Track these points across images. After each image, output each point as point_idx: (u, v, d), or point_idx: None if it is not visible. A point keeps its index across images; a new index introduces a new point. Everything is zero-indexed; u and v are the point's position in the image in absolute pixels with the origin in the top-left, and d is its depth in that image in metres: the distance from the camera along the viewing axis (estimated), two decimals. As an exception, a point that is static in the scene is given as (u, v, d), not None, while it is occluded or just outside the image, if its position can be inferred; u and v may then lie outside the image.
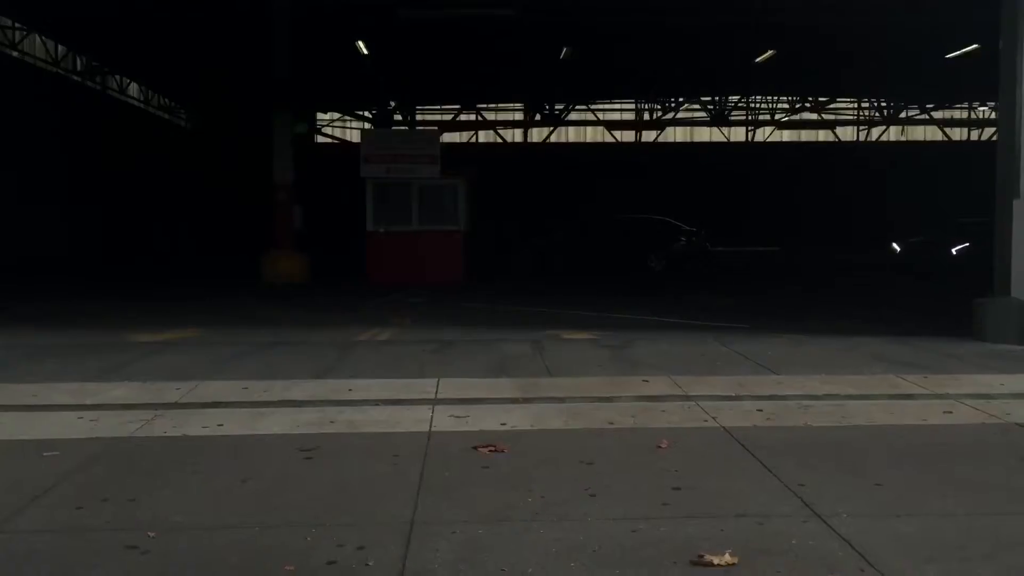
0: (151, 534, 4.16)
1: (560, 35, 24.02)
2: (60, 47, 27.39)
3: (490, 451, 5.57)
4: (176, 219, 33.76)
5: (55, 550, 4.00)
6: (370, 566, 3.80)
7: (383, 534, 4.16)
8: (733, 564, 3.79)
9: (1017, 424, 6.35)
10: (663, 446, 5.69)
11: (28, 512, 4.48)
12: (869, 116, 40.61)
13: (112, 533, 4.19)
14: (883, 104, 39.74)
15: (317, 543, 4.06)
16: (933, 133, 41.04)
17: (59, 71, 27.34)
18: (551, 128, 40.24)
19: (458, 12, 18.77)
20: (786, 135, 41.16)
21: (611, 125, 39.91)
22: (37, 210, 24.02)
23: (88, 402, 6.92)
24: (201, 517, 4.42)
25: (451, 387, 7.50)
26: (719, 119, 39.61)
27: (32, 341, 10.04)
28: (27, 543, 4.07)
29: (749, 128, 41.04)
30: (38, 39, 26.16)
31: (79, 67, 29.00)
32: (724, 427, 6.22)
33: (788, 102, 39.29)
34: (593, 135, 41.23)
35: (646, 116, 39.97)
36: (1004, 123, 10.54)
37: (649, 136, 40.98)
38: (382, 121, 35.85)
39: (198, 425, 6.29)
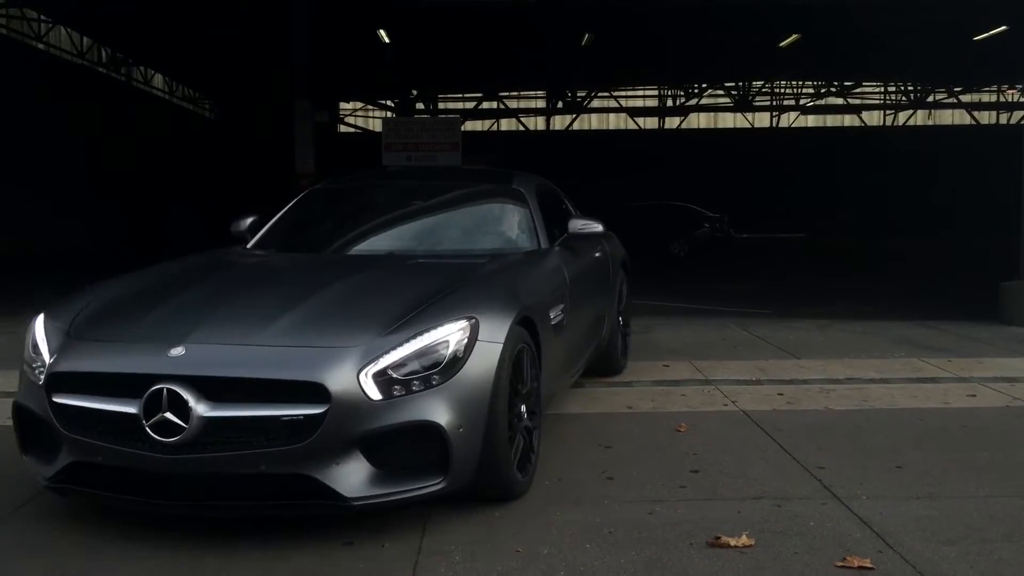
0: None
1: (581, 20, 23.91)
2: (85, 39, 27.59)
3: (508, 435, 5.55)
4: (199, 209, 33.99)
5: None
6: (385, 548, 3.82)
7: (400, 516, 4.17)
8: (750, 545, 3.78)
9: (1042, 407, 6.27)
10: (682, 430, 5.67)
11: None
12: (896, 100, 40.15)
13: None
14: (910, 88, 39.27)
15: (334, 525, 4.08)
16: (961, 117, 40.53)
17: (84, 63, 27.56)
18: (573, 115, 40.06)
19: None
20: (811, 120, 40.76)
21: (634, 112, 39.68)
22: (61, 203, 24.25)
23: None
24: (219, 499, 4.44)
25: (470, 372, 7.49)
26: (743, 105, 39.26)
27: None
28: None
29: (774, 113, 40.68)
30: (63, 31, 26.37)
31: (104, 59, 29.22)
32: (744, 411, 6.19)
33: (813, 87, 38.88)
34: (616, 122, 41.04)
35: (669, 102, 39.70)
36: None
37: (672, 123, 40.73)
38: (404, 110, 35.89)
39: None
